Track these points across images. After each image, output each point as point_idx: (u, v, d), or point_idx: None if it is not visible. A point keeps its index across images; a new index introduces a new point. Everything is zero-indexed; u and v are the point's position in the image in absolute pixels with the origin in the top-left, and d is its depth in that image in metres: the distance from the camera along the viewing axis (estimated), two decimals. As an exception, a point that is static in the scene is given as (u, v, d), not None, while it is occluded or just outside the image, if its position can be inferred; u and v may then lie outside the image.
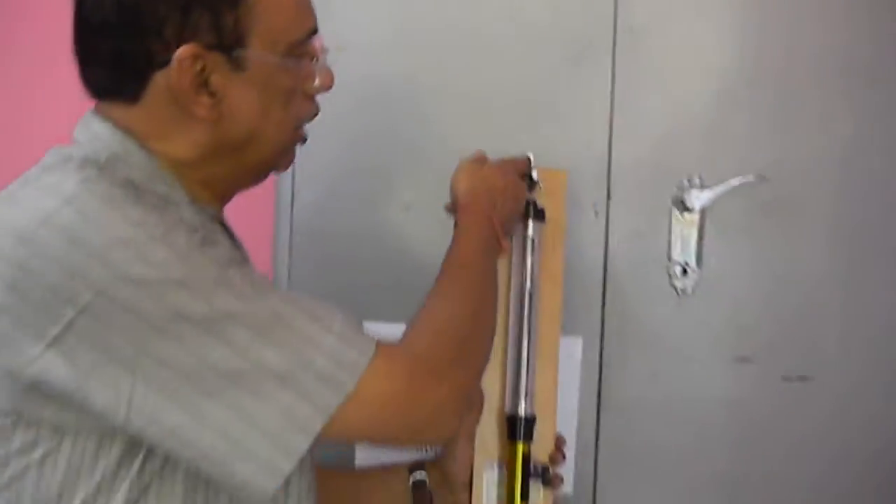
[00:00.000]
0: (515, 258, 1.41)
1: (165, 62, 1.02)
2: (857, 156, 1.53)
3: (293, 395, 0.96)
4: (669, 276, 1.54)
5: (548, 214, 1.42)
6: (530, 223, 1.41)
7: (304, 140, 1.18)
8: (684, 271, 1.54)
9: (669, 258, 1.54)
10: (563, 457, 1.41)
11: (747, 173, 1.50)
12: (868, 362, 1.53)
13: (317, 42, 1.14)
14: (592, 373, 1.55)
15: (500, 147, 1.42)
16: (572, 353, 1.52)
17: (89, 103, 1.11)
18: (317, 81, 1.14)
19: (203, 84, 1.04)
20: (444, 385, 1.05)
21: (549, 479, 1.37)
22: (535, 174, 1.43)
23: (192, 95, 1.03)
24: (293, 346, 0.97)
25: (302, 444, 0.96)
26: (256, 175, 1.16)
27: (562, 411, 1.43)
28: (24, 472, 0.99)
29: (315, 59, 1.14)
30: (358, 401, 0.98)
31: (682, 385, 1.55)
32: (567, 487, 1.48)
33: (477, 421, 1.37)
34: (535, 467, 1.36)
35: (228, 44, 1.04)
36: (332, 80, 1.16)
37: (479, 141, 1.47)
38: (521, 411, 1.36)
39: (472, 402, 1.15)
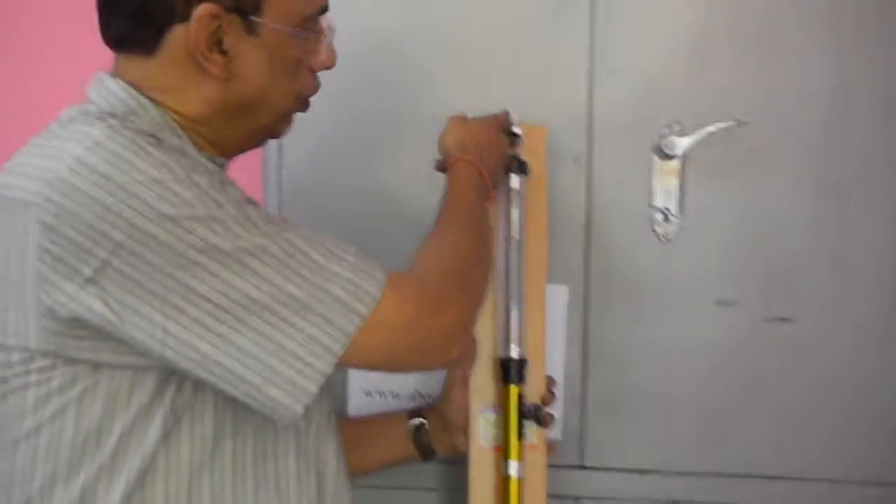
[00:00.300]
0: (501, 211, 1.44)
1: (185, 17, 1.07)
2: (838, 98, 1.52)
3: (314, 323, 1.02)
4: (651, 222, 1.55)
5: (530, 169, 1.46)
6: (514, 177, 1.44)
7: (305, 108, 1.23)
8: (666, 218, 1.55)
9: (651, 205, 1.55)
10: (554, 396, 1.46)
11: (727, 119, 1.51)
12: (848, 303, 1.54)
13: (324, 21, 1.20)
14: (578, 320, 1.57)
15: (482, 101, 1.45)
16: (558, 301, 1.54)
17: (95, 66, 1.14)
18: (321, 57, 1.20)
19: (217, 43, 1.09)
20: (450, 311, 1.12)
21: (541, 418, 1.42)
22: (517, 130, 1.46)
23: (205, 52, 1.09)
24: (312, 277, 1.03)
25: (325, 366, 1.03)
26: (258, 138, 1.23)
27: (549, 359, 1.47)
28: (64, 409, 1.03)
29: (322, 36, 1.19)
30: (373, 327, 1.05)
31: (665, 329, 1.56)
32: (556, 433, 1.51)
33: (471, 367, 1.42)
34: (528, 408, 1.41)
35: (246, 8, 1.10)
36: (334, 60, 1.22)
37: (461, 95, 1.51)
38: (513, 355, 1.41)
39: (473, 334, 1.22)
